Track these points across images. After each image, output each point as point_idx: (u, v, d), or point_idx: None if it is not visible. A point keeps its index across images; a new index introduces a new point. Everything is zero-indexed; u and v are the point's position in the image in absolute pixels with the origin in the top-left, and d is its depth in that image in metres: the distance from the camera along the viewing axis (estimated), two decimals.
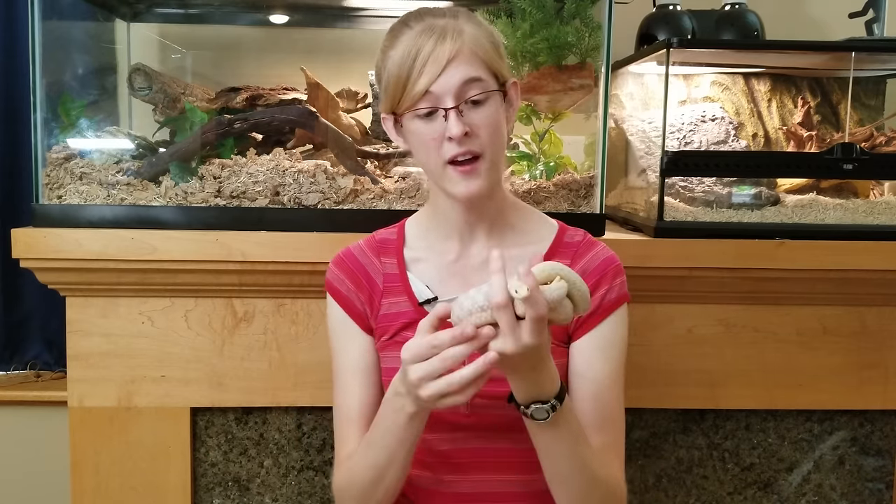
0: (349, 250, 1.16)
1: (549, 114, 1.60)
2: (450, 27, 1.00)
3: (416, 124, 1.02)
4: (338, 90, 1.68)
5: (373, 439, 1.01)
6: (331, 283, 1.15)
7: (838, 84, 1.78)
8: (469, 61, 1.00)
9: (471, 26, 1.03)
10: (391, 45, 1.04)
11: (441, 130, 1.00)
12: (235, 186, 1.45)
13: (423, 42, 0.99)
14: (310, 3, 1.86)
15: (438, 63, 0.98)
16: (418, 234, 1.16)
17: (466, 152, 1.01)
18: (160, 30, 1.89)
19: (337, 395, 1.13)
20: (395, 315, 1.11)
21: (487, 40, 1.04)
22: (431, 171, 1.05)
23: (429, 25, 1.01)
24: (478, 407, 1.08)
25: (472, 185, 1.02)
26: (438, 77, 0.98)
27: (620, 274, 1.11)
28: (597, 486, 1.01)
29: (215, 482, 1.53)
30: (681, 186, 1.59)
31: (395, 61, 1.01)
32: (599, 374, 1.07)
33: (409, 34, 1.02)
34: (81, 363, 1.46)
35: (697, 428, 1.59)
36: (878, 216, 1.56)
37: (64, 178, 1.46)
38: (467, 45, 1.00)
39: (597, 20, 1.51)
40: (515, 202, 1.17)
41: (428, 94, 0.99)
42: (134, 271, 1.41)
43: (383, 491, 1.03)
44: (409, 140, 1.06)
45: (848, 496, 1.62)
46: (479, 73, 1.01)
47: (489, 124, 1.02)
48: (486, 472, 1.10)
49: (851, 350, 1.56)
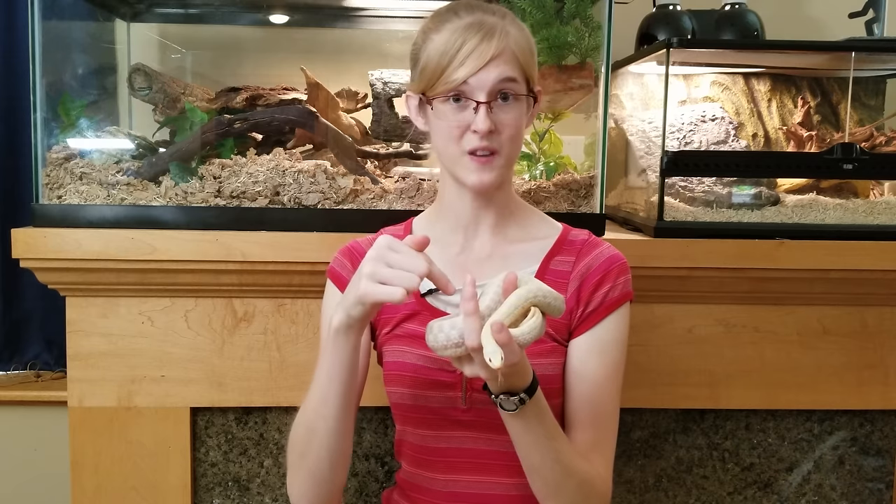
0: (357, 242, 1.18)
1: (549, 114, 1.60)
2: (498, 27, 1.03)
3: (445, 109, 1.05)
4: (338, 90, 1.68)
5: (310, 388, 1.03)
6: (333, 269, 1.16)
7: (838, 84, 1.78)
8: (509, 62, 1.03)
9: (515, 29, 1.06)
10: (436, 27, 1.06)
11: (468, 121, 1.03)
12: (235, 186, 1.45)
13: (471, 35, 1.02)
14: (310, 3, 1.86)
15: (482, 58, 1.01)
16: (424, 227, 1.18)
17: (486, 148, 1.04)
18: (160, 30, 1.89)
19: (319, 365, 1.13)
20: (396, 307, 1.12)
21: (528, 46, 1.07)
22: (449, 156, 1.07)
23: (479, 20, 1.04)
24: (476, 402, 1.08)
25: (485, 176, 1.05)
26: (479, 71, 1.01)
27: (625, 272, 1.12)
28: (571, 478, 1.01)
29: (215, 482, 1.53)
30: (681, 186, 1.59)
31: (437, 46, 1.04)
32: (596, 372, 1.08)
33: (456, 22, 1.04)
34: (81, 363, 1.46)
35: (697, 428, 1.59)
36: (878, 216, 1.56)
37: (64, 178, 1.46)
38: (510, 47, 1.03)
39: (597, 20, 1.51)
40: (521, 202, 1.19)
41: (464, 84, 1.02)
42: (134, 271, 1.41)
43: (318, 443, 1.03)
44: (433, 124, 1.08)
45: (848, 496, 1.62)
46: (515, 75, 1.04)
47: (513, 125, 1.05)
48: (482, 474, 1.11)
49: (851, 350, 1.56)
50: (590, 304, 1.09)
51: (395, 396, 1.12)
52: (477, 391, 1.08)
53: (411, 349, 1.09)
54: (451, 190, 1.13)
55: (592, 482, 1.04)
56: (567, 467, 1.00)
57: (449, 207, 1.14)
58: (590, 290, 1.09)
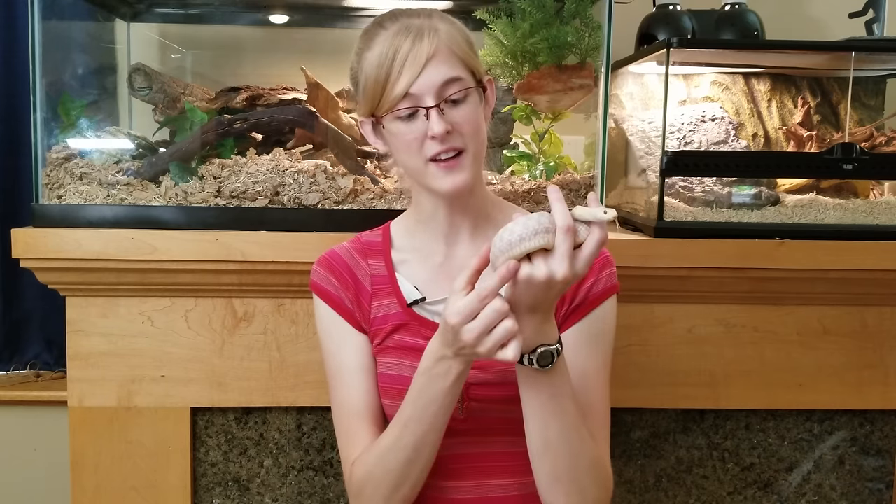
0: (334, 251, 1.16)
1: (549, 114, 1.60)
2: (426, 26, 1.01)
3: (397, 125, 1.02)
4: (338, 90, 1.68)
5: (408, 417, 0.99)
6: (317, 284, 1.14)
7: (838, 84, 1.78)
8: (447, 60, 1.00)
9: (445, 24, 1.03)
10: (366, 46, 1.04)
11: (423, 129, 1.01)
12: (235, 186, 1.45)
13: (401, 42, 1.00)
14: (310, 3, 1.86)
15: (418, 63, 0.99)
16: (404, 236, 1.16)
17: (450, 149, 1.01)
18: (160, 30, 1.89)
19: (337, 395, 1.11)
20: (384, 318, 1.10)
21: (463, 38, 1.04)
22: (414, 170, 1.05)
23: (404, 25, 1.01)
24: (473, 411, 1.07)
25: (457, 178, 1.02)
26: (418, 77, 0.99)
27: (609, 265, 1.11)
28: (584, 454, 0.99)
29: (215, 482, 1.53)
30: (681, 186, 1.59)
31: (372, 63, 1.01)
32: (585, 366, 1.07)
33: (384, 35, 1.02)
34: (81, 363, 1.46)
35: (697, 428, 1.59)
36: (878, 216, 1.56)
37: (64, 178, 1.46)
38: (444, 44, 1.01)
39: (597, 20, 1.51)
40: (496, 200, 1.17)
41: (408, 95, 0.99)
42: (134, 271, 1.41)
43: (418, 471, 1.01)
44: (391, 142, 1.06)
45: (848, 496, 1.62)
46: (458, 72, 1.01)
47: (470, 121, 1.02)
48: (483, 477, 1.10)
49: (851, 350, 1.56)
50: (575, 298, 1.08)
51: (391, 409, 1.10)
52: (475, 400, 1.07)
53: (406, 362, 1.08)
54: (426, 201, 1.10)
55: (601, 462, 1.03)
56: (583, 440, 0.99)
57: (427, 218, 1.12)
58: (574, 285, 1.08)
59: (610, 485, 1.06)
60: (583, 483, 1.00)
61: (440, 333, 0.93)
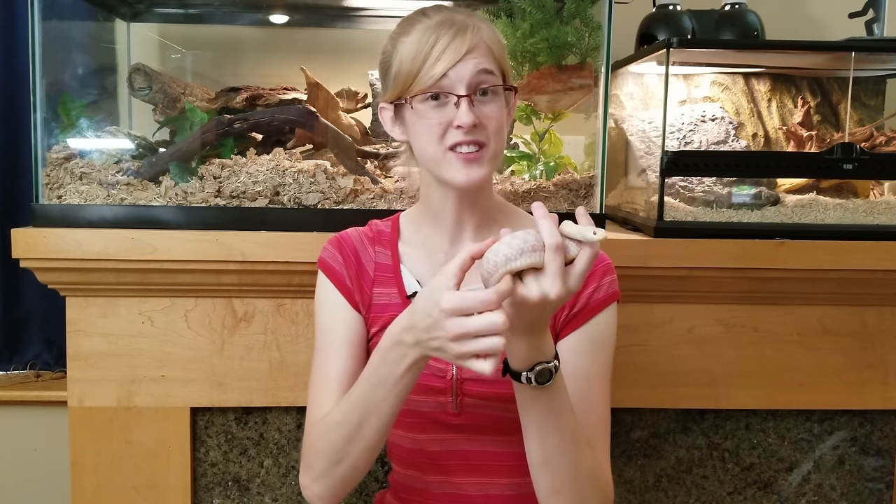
0: (347, 233, 1.18)
1: (549, 114, 1.60)
2: (469, 23, 1.04)
3: (425, 108, 1.03)
4: (338, 90, 1.68)
5: (358, 394, 0.98)
6: (324, 260, 1.15)
7: (838, 84, 1.78)
8: (486, 55, 1.03)
9: (486, 25, 1.06)
10: (405, 31, 1.05)
11: (449, 117, 1.02)
12: (235, 186, 1.45)
13: (443, 32, 1.02)
14: (310, 3, 1.86)
15: (458, 52, 1.01)
16: (412, 230, 1.17)
17: (472, 142, 1.03)
18: (160, 30, 1.89)
19: (317, 361, 1.12)
20: (384, 306, 1.11)
21: (499, 41, 1.08)
22: (431, 157, 1.05)
23: (448, 18, 1.04)
24: (467, 406, 1.08)
25: (474, 172, 1.03)
26: (457, 64, 1.01)
27: (610, 272, 1.11)
28: (582, 467, 0.99)
29: (215, 482, 1.53)
30: (681, 186, 1.59)
31: (409, 48, 1.03)
32: (585, 373, 1.07)
33: (426, 23, 1.04)
34: (81, 363, 1.46)
35: (697, 428, 1.59)
36: (878, 216, 1.56)
37: (64, 178, 1.46)
38: (484, 41, 1.03)
39: (597, 20, 1.51)
40: (502, 203, 1.18)
41: (443, 79, 1.01)
42: (134, 271, 1.41)
43: (359, 451, 0.99)
44: (412, 127, 1.06)
45: (848, 496, 1.62)
46: (492, 68, 1.04)
47: (496, 118, 1.04)
48: (475, 475, 1.10)
49: (851, 350, 1.56)
50: (575, 305, 1.08)
51: None
52: (468, 395, 1.07)
53: None
54: (435, 193, 1.11)
55: (601, 471, 1.03)
56: (582, 452, 0.99)
57: (434, 213, 1.12)
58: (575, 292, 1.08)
59: (610, 492, 1.06)
60: (583, 493, 1.00)
61: (408, 314, 0.90)
